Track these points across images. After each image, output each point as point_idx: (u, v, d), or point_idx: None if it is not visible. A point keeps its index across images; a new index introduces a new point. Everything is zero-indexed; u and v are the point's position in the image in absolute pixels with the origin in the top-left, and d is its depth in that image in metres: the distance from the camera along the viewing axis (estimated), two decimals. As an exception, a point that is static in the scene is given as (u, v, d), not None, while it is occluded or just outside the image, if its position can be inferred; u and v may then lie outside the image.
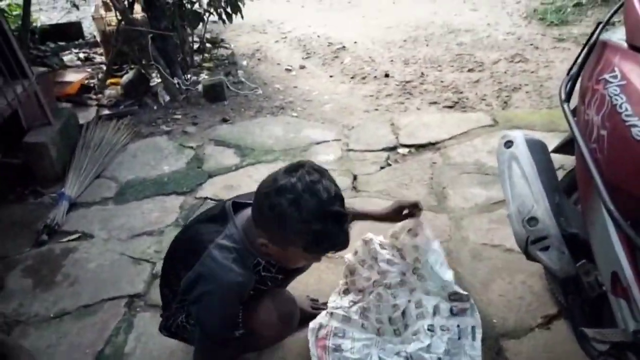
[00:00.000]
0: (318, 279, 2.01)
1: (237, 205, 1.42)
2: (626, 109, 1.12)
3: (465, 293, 1.67)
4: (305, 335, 1.75)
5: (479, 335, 1.61)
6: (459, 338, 1.60)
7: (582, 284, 1.33)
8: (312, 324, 1.72)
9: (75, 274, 2.22)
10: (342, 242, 1.25)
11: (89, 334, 1.92)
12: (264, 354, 1.76)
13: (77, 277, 2.20)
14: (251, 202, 1.38)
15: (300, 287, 1.97)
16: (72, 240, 2.44)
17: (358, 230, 2.04)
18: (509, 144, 1.57)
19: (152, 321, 1.93)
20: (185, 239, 1.49)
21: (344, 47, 4.70)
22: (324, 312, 1.76)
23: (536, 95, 3.51)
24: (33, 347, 1.87)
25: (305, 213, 1.17)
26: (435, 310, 1.63)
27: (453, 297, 1.66)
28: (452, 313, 1.63)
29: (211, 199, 2.64)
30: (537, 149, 1.56)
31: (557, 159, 1.82)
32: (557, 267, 1.34)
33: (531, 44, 4.39)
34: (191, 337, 1.54)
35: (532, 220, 1.38)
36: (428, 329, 1.59)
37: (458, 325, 1.61)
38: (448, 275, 1.66)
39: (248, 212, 1.36)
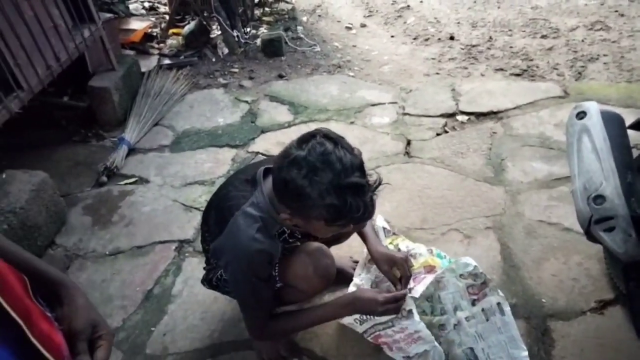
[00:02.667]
0: (361, 243, 1.98)
1: (268, 170, 1.37)
2: None
3: (481, 271, 1.55)
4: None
5: (507, 309, 1.52)
6: (487, 319, 1.53)
7: (647, 270, 1.24)
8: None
9: (131, 216, 2.32)
10: (364, 214, 1.15)
11: (140, 273, 2.03)
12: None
13: (132, 219, 2.30)
14: None
15: (345, 247, 1.96)
16: (129, 183, 2.54)
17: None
18: (581, 114, 1.45)
19: (199, 266, 2.00)
20: (218, 201, 1.50)
21: (408, 6, 4.50)
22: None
23: (615, 67, 3.22)
24: (89, 280, 2.01)
25: (320, 188, 1.10)
26: (457, 308, 1.56)
27: (467, 281, 1.56)
28: (473, 305, 1.55)
29: (262, 154, 2.66)
30: (613, 122, 1.43)
31: (633, 136, 1.67)
32: (622, 250, 1.24)
33: (616, 11, 4.01)
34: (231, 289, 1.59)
35: (599, 198, 1.28)
36: (454, 328, 1.54)
37: (482, 309, 1.54)
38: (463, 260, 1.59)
39: None
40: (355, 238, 1.95)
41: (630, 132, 1.52)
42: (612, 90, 2.96)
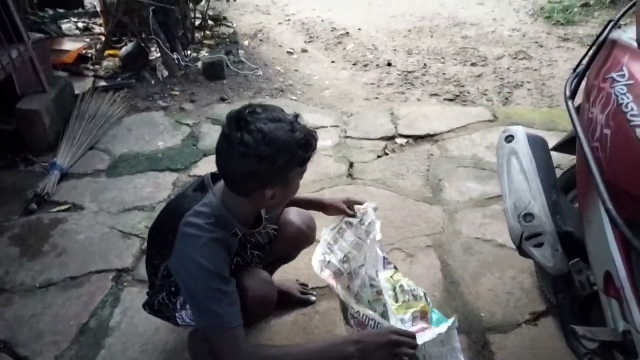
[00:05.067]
0: (308, 264, 1.98)
1: (216, 176, 1.40)
2: (632, 109, 1.10)
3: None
4: (292, 318, 1.76)
5: None
6: None
7: (574, 282, 1.33)
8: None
9: (64, 245, 2.19)
10: (315, 136, 1.29)
11: (75, 306, 1.90)
12: (252, 335, 1.76)
13: (65, 249, 2.17)
14: None
15: (291, 271, 1.96)
16: (62, 211, 2.40)
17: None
18: (509, 138, 1.55)
19: (139, 296, 1.92)
20: (164, 213, 1.48)
21: (347, 33, 4.65)
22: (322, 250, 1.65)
23: (538, 93, 3.49)
24: (17, 315, 1.86)
25: (284, 141, 1.20)
26: None
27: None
28: None
29: (205, 178, 2.61)
30: (538, 145, 1.54)
31: (555, 158, 1.80)
32: (550, 264, 1.33)
33: (536, 42, 4.36)
34: (173, 315, 1.52)
35: (528, 216, 1.37)
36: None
37: None
38: None
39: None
40: (301, 261, 1.96)
41: (553, 153, 1.65)
42: (535, 115, 3.20)
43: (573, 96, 1.41)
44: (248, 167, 1.20)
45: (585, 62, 1.44)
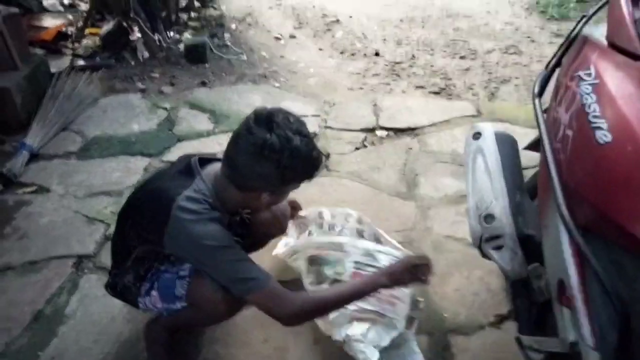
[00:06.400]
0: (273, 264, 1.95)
1: (202, 161, 1.40)
2: (594, 110, 1.05)
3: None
4: (251, 312, 1.71)
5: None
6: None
7: (532, 287, 1.29)
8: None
9: (26, 228, 2.13)
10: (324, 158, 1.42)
11: (30, 292, 1.86)
12: (210, 329, 1.72)
13: (27, 232, 2.12)
14: (215, 158, 1.39)
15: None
16: (28, 192, 2.35)
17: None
18: (477, 135, 1.50)
19: (98, 284, 1.87)
20: (147, 194, 1.42)
21: (337, 20, 4.55)
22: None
23: (525, 89, 3.42)
24: (-31, 299, 1.81)
25: (304, 156, 1.24)
26: None
27: None
28: None
29: (177, 164, 2.55)
30: (506, 143, 1.49)
31: (534, 157, 1.75)
32: (509, 268, 1.29)
33: (528, 37, 4.29)
34: (134, 299, 1.50)
35: (489, 217, 1.32)
36: None
37: None
38: None
39: (215, 168, 1.36)
40: (266, 253, 1.92)
41: (529, 153, 1.60)
42: (521, 111, 3.14)
43: (541, 93, 1.36)
44: (262, 168, 1.23)
45: (555, 58, 1.38)
